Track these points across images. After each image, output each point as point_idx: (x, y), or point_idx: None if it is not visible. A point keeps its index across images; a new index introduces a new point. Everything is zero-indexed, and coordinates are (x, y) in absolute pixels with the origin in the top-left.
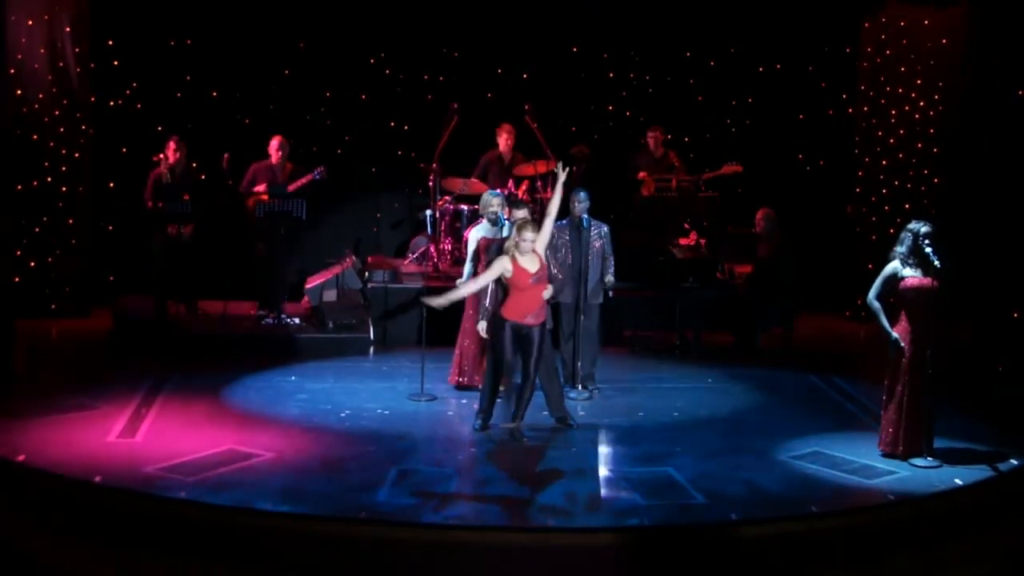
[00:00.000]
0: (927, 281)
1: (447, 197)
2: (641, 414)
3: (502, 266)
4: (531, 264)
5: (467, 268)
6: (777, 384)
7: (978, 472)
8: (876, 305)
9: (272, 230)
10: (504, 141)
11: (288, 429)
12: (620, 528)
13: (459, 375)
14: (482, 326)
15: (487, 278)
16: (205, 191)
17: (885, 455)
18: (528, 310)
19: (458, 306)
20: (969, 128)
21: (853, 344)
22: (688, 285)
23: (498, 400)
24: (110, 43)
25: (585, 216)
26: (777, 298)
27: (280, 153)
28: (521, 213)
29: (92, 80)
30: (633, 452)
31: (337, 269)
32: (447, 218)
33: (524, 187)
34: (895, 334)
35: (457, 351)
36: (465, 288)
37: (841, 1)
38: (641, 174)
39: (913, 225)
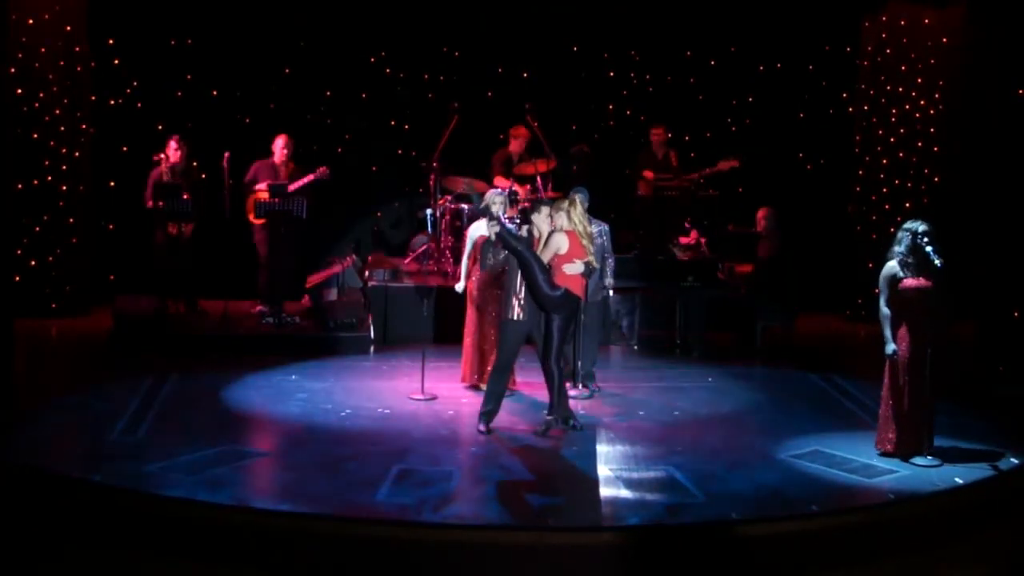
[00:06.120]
0: (926, 281)
1: (447, 196)
2: (641, 413)
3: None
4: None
5: (464, 264)
6: (777, 383)
7: (978, 471)
8: (885, 312)
9: (273, 229)
10: (517, 143)
11: (288, 428)
12: (620, 528)
13: (469, 375)
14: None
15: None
16: (205, 190)
17: (883, 454)
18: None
19: (462, 305)
20: (969, 127)
21: (853, 343)
22: (688, 284)
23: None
24: (110, 42)
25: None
26: (777, 297)
27: (285, 152)
28: (546, 208)
29: (92, 79)
30: (633, 451)
31: (338, 268)
32: (447, 217)
33: (526, 187)
34: (893, 345)
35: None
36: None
37: (841, 0)
38: (647, 173)
39: (910, 224)
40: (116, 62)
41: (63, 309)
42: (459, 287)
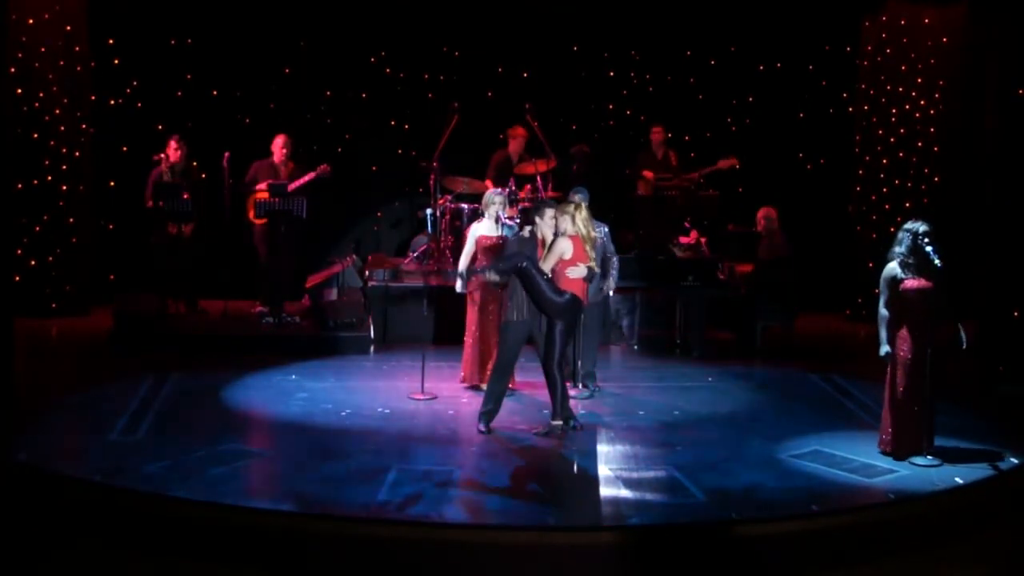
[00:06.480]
0: (926, 282)
1: (447, 196)
2: (641, 413)
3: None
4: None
5: (463, 262)
6: (777, 383)
7: (978, 471)
8: (884, 314)
9: (273, 229)
10: (515, 144)
11: (288, 428)
12: (620, 528)
13: (466, 375)
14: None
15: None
16: (205, 190)
17: (885, 454)
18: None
19: (462, 305)
20: (969, 127)
21: (853, 343)
22: (688, 284)
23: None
24: (110, 42)
25: None
26: (777, 297)
27: (284, 152)
28: (550, 211)
29: (92, 79)
30: (633, 451)
31: (338, 268)
32: (447, 217)
33: (526, 188)
34: (887, 347)
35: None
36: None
37: (841, 0)
38: (647, 173)
39: (911, 225)
40: (116, 62)
41: (63, 309)
42: (459, 287)
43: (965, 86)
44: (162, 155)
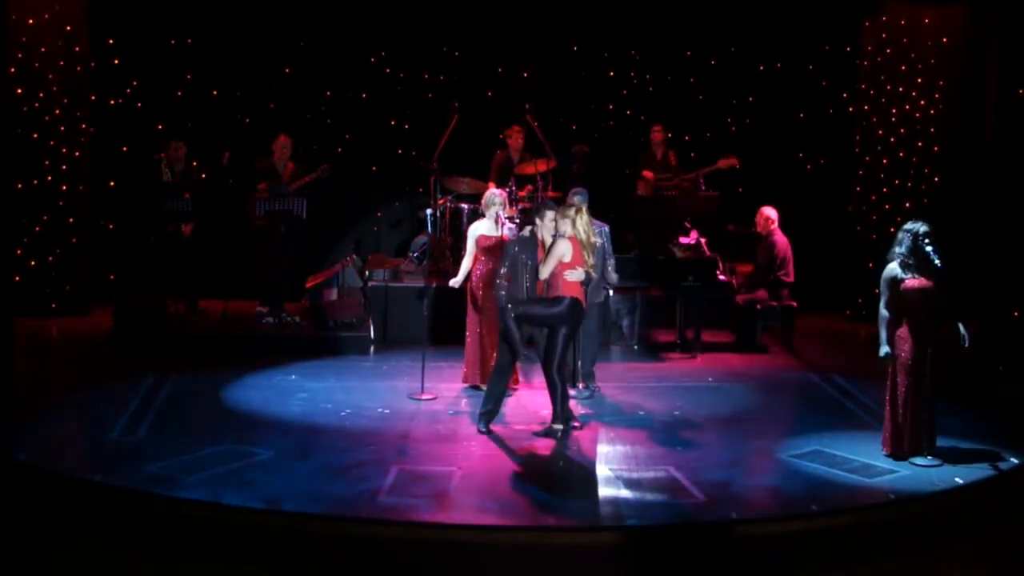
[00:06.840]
0: (927, 282)
1: (447, 196)
2: (641, 413)
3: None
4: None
5: (465, 263)
6: (777, 383)
7: (978, 471)
8: (884, 314)
9: (272, 229)
10: (514, 142)
11: (288, 428)
12: (620, 528)
13: (467, 375)
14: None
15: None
16: (206, 190)
17: (888, 455)
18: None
19: (462, 306)
20: (969, 127)
21: (853, 343)
22: (688, 284)
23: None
24: (110, 42)
25: None
26: (777, 297)
27: (285, 152)
28: (551, 213)
29: (92, 79)
30: (633, 451)
31: (337, 268)
32: (447, 217)
33: (528, 188)
34: (886, 348)
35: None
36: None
37: (841, 0)
38: (647, 173)
39: (911, 225)
40: (116, 62)
41: (63, 309)
42: (454, 282)
43: (965, 86)
44: (162, 155)
